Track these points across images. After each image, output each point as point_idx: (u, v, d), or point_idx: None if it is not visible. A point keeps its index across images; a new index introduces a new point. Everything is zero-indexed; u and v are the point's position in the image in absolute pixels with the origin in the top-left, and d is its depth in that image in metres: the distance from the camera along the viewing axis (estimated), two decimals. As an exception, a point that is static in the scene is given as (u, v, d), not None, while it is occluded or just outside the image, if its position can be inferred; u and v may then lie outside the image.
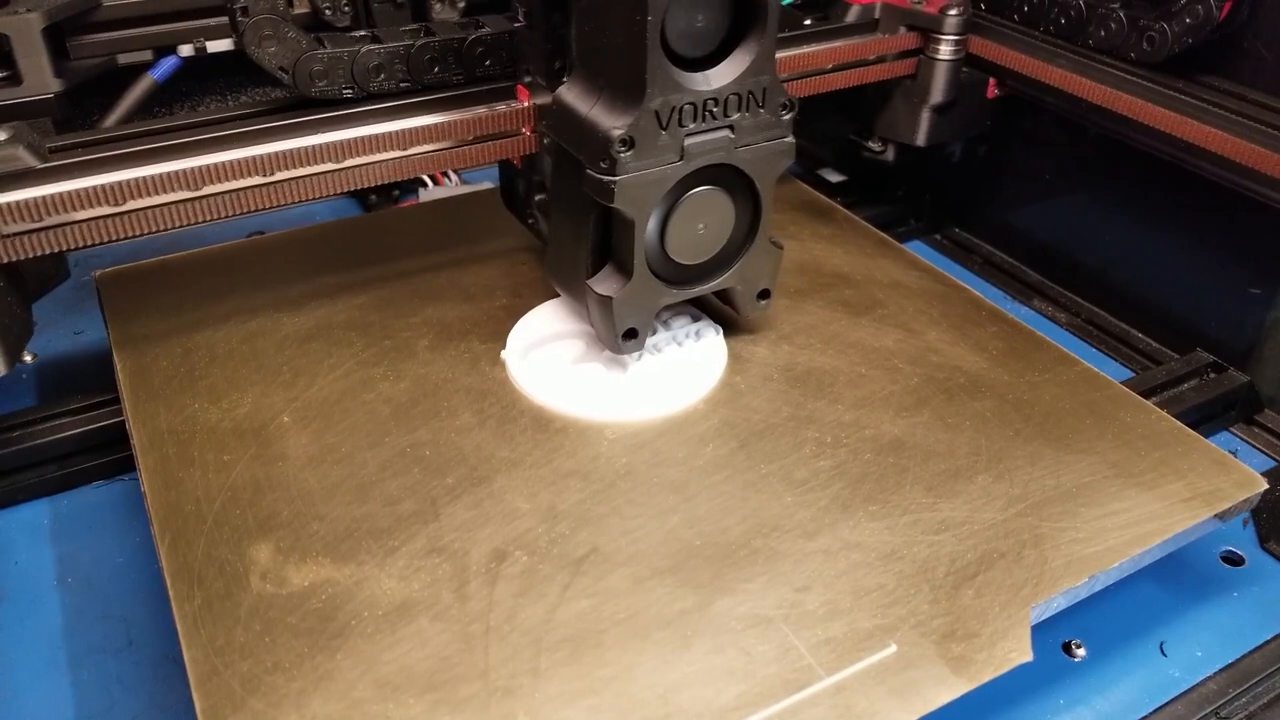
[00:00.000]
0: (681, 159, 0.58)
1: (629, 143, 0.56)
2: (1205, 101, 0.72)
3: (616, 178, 0.56)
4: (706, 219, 0.61)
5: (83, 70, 0.83)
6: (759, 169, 0.61)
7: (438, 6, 0.89)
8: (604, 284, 0.62)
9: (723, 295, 0.67)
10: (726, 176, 0.61)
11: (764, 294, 0.67)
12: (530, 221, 0.73)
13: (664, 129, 0.56)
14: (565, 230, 0.65)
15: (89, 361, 0.81)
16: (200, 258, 0.79)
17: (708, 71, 0.57)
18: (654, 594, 0.52)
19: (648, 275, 0.61)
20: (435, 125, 0.68)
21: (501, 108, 0.69)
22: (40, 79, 0.78)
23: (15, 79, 0.78)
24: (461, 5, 0.89)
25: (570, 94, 0.60)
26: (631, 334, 0.63)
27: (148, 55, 0.86)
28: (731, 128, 0.58)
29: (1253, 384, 0.76)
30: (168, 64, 0.87)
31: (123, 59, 0.86)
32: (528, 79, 0.68)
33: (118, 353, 0.68)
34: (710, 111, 0.57)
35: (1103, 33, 0.78)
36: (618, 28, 0.55)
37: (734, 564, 0.53)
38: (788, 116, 0.60)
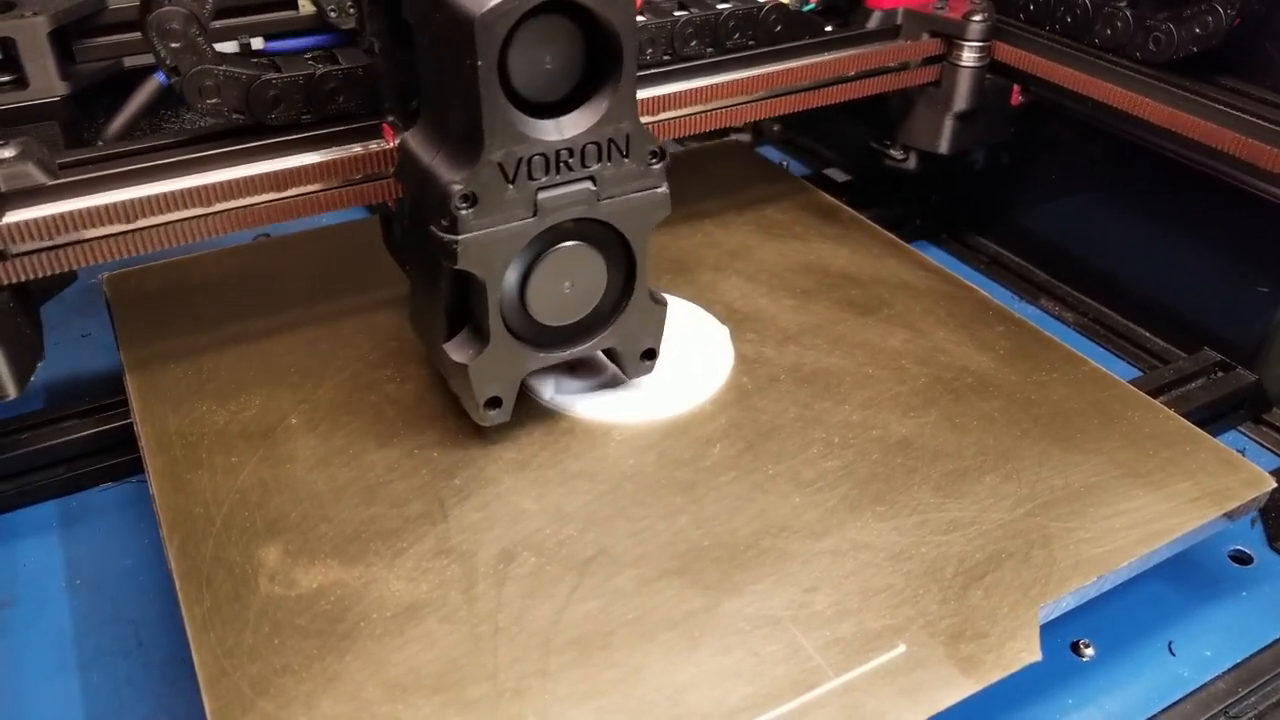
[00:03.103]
0: (535, 215, 0.52)
1: (471, 199, 0.50)
2: (1214, 100, 0.72)
3: (459, 236, 0.51)
4: (573, 277, 0.56)
5: (89, 73, 0.83)
6: (628, 223, 0.56)
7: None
8: (460, 350, 0.56)
9: (610, 354, 0.62)
10: (594, 231, 0.56)
11: (649, 354, 0.62)
12: (408, 268, 0.65)
13: (511, 182, 0.51)
14: (421, 288, 0.59)
15: (97, 364, 0.81)
16: (208, 260, 0.79)
17: (559, 119, 0.51)
18: (662, 595, 0.52)
19: (508, 339, 0.56)
20: (310, 166, 0.64)
21: (374, 147, 0.64)
22: (46, 82, 0.78)
23: (22, 82, 0.78)
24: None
25: (415, 140, 0.55)
26: (495, 403, 0.58)
27: (154, 58, 0.86)
28: (593, 179, 0.53)
29: (1260, 383, 0.76)
30: (174, 67, 0.87)
31: (129, 62, 0.86)
32: (390, 118, 0.61)
33: (125, 355, 0.68)
34: (565, 163, 0.52)
35: (1109, 31, 0.77)
36: (453, 70, 0.49)
37: (742, 565, 0.53)
38: (657, 166, 0.55)
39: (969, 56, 0.83)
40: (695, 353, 0.67)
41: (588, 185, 0.53)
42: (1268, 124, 0.68)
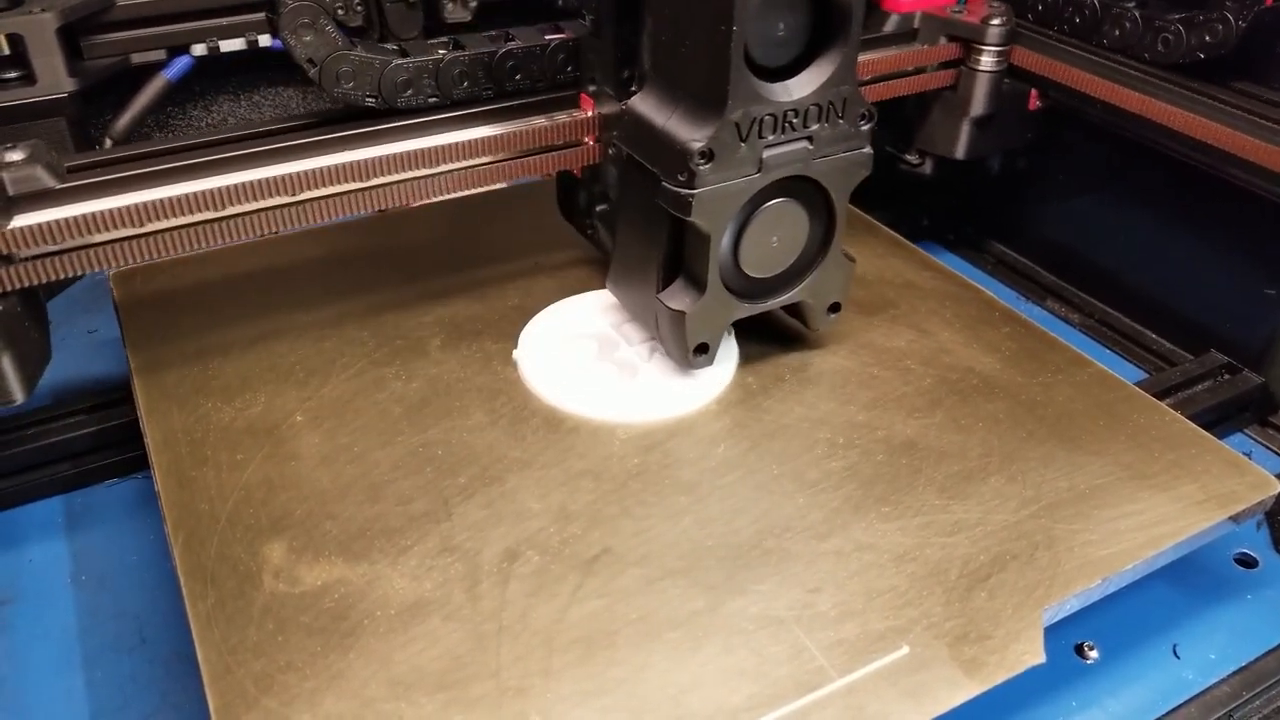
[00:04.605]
0: (759, 171, 0.57)
1: (708, 155, 0.55)
2: (1222, 102, 0.71)
3: (694, 190, 0.55)
4: (780, 232, 0.60)
5: (96, 70, 0.83)
6: (835, 180, 0.60)
7: (450, 6, 0.89)
8: (676, 298, 0.60)
9: (791, 309, 0.66)
10: (801, 188, 0.59)
11: (834, 307, 0.66)
12: (590, 232, 0.72)
13: (743, 141, 0.55)
14: (633, 243, 0.63)
15: (102, 360, 0.81)
16: (214, 256, 0.79)
17: (788, 82, 0.56)
18: (666, 594, 0.52)
19: (721, 290, 0.60)
20: (494, 137, 0.65)
21: (562, 118, 0.67)
22: (54, 79, 0.79)
23: (30, 79, 0.78)
24: (474, 4, 0.89)
25: (644, 104, 0.58)
26: (702, 349, 0.62)
27: (161, 55, 0.87)
28: (810, 139, 0.57)
29: (1267, 385, 0.76)
30: (180, 63, 0.88)
31: (136, 58, 0.86)
32: (592, 88, 0.66)
33: (131, 352, 0.68)
34: (790, 123, 0.56)
35: (1117, 32, 0.77)
36: (699, 37, 0.54)
37: (746, 565, 0.53)
38: (867, 127, 0.59)
39: (987, 61, 0.82)
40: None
41: (805, 144, 0.57)
42: (1275, 126, 0.68)
